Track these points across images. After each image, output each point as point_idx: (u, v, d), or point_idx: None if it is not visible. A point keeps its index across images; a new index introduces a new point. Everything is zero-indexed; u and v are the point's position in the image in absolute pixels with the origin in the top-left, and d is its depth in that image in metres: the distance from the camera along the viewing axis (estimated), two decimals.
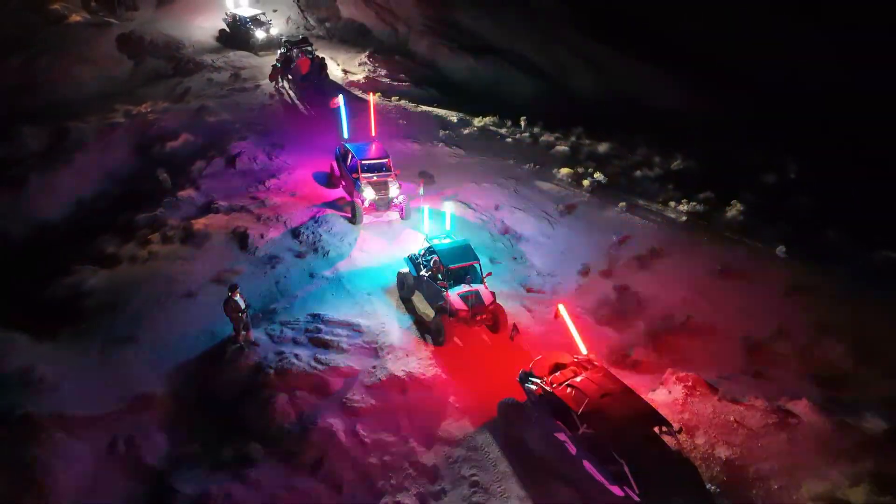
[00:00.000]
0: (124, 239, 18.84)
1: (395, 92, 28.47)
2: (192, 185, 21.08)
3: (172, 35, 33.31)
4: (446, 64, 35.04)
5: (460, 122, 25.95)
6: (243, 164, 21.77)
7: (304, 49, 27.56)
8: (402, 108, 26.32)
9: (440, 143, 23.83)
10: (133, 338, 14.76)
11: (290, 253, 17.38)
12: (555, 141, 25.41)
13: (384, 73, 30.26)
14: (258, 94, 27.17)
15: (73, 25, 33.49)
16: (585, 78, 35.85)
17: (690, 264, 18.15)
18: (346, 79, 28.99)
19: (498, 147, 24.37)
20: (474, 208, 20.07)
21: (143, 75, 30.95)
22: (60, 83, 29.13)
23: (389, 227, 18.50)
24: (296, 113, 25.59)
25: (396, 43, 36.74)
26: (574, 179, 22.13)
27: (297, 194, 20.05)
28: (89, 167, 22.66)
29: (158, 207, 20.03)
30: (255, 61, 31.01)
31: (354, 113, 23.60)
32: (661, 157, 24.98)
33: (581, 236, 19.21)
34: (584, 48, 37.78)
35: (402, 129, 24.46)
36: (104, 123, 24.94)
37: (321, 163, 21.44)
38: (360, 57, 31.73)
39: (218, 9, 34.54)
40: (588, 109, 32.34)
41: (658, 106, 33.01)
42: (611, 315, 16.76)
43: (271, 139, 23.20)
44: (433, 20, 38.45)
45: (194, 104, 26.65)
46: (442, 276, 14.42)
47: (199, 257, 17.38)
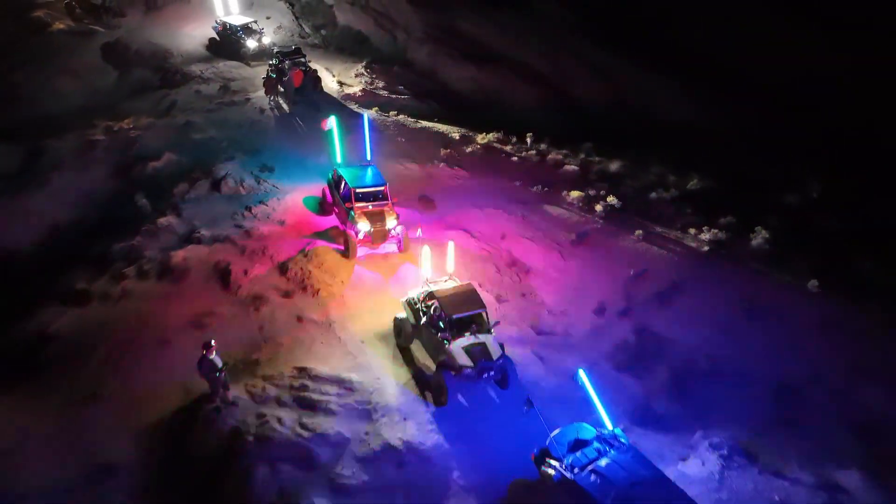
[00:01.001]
0: (97, 272, 17.29)
1: (393, 106, 26.90)
2: (173, 210, 19.49)
3: (160, 44, 31.72)
4: (447, 73, 33.49)
5: (463, 139, 24.37)
6: (229, 189, 20.19)
7: (296, 61, 25.97)
8: (401, 124, 24.74)
9: (441, 164, 22.23)
10: (97, 395, 13.21)
11: (276, 292, 15.80)
12: (563, 159, 23.83)
13: (382, 84, 28.68)
14: (248, 108, 25.58)
15: (56, 34, 31.89)
16: (592, 87, 34.31)
17: (715, 300, 16.60)
18: (341, 91, 27.41)
19: (503, 167, 22.78)
20: (477, 237, 18.49)
21: (128, 87, 29.36)
22: (39, 96, 27.52)
23: (386, 260, 16.92)
24: (288, 130, 24.00)
25: (395, 51, 35.19)
26: (586, 203, 20.54)
27: (285, 223, 18.46)
28: (65, 190, 21.08)
29: (136, 236, 18.48)
30: (245, 72, 29.43)
31: (350, 129, 22.06)
32: (676, 176, 23.43)
33: (595, 269, 17.62)
34: (591, 56, 36.23)
35: (400, 148, 22.87)
36: (83, 141, 23.35)
37: (313, 187, 19.87)
38: (357, 67, 30.14)
39: (208, 16, 32.98)
40: (596, 121, 30.85)
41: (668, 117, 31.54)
42: (630, 360, 15.21)
43: (261, 160, 21.60)
44: (433, 27, 36.89)
45: (180, 119, 25.08)
46: (444, 325, 12.84)
47: (177, 296, 15.81)
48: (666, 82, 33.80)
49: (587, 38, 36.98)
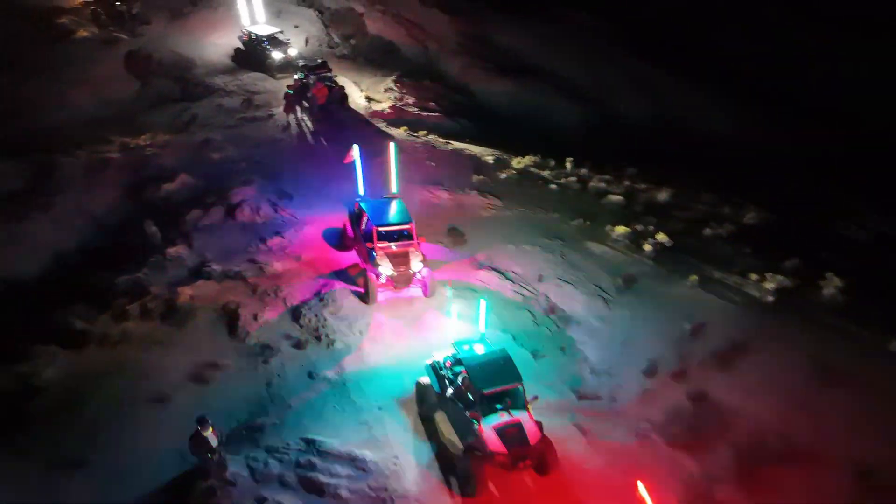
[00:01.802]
0: (99, 308, 15.95)
1: (423, 124, 25.24)
2: (184, 239, 18.10)
3: (183, 53, 30.58)
4: (480, 87, 31.79)
5: (497, 163, 22.56)
6: (245, 217, 18.73)
7: (322, 76, 24.47)
8: (431, 146, 23.04)
9: (473, 192, 20.45)
10: (84, 460, 11.75)
11: (287, 342, 14.21)
12: (606, 186, 21.86)
13: (412, 100, 27.05)
14: (270, 125, 24.15)
15: (78, 42, 31.02)
16: (634, 103, 32.35)
17: (784, 364, 14.48)
18: (369, 108, 25.83)
19: (540, 195, 20.91)
20: (512, 279, 16.67)
21: (148, 99, 28.21)
22: (55, 107, 26.48)
23: (409, 306, 15.20)
24: (310, 151, 22.49)
25: (426, 63, 33.58)
26: (632, 240, 18.56)
27: (301, 258, 16.88)
28: (72, 214, 19.85)
29: (143, 268, 17.11)
30: (270, 85, 28.05)
31: (376, 152, 20.46)
32: (730, 207, 21.33)
33: (644, 321, 15.65)
34: (631, 69, 34.23)
35: (429, 173, 21.16)
36: (95, 158, 22.14)
37: (334, 218, 18.27)
38: (387, 81, 28.56)
39: (234, 25, 31.73)
40: (639, 140, 28.87)
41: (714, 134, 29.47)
42: (685, 434, 13.22)
43: (279, 185, 20.10)
44: (467, 38, 35.27)
45: (198, 136, 23.76)
46: (473, 400, 11.06)
47: (179, 343, 14.34)
48: (711, 97, 31.74)
49: (627, 50, 34.99)
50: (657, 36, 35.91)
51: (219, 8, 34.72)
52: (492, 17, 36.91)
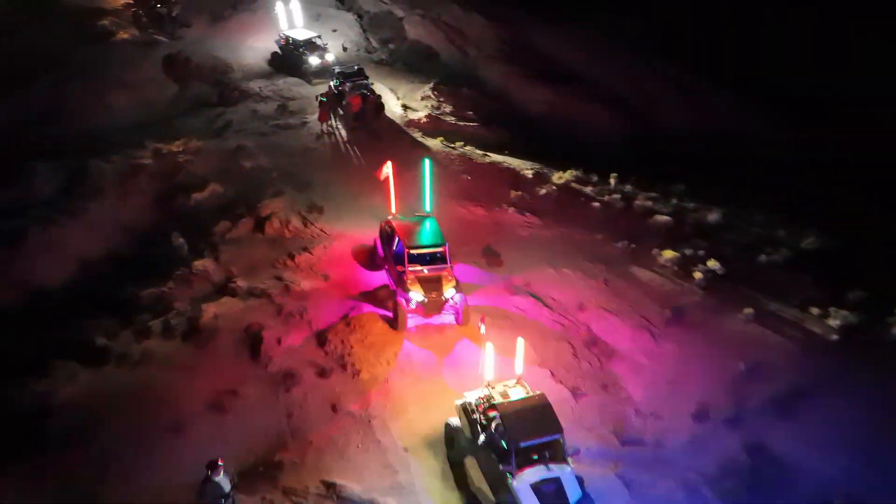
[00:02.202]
0: (122, 323, 15.46)
1: (460, 135, 24.32)
2: (211, 252, 17.55)
3: (221, 57, 30.29)
4: (520, 95, 30.78)
5: (536, 177, 21.49)
6: (273, 230, 18.10)
7: (357, 83, 23.76)
8: (467, 158, 22.11)
9: (511, 208, 19.45)
10: (93, 493, 11.15)
11: (311, 369, 13.45)
12: (653, 205, 20.61)
13: (449, 109, 26.16)
14: (304, 133, 23.55)
15: (118, 44, 30.98)
16: (680, 113, 30.95)
17: (851, 412, 13.16)
18: (405, 117, 25.02)
19: (582, 214, 19.78)
20: (551, 306, 15.62)
21: (185, 103, 27.98)
22: (93, 111, 26.42)
23: (441, 335, 14.30)
24: (343, 161, 21.77)
25: (465, 68, 32.68)
26: (681, 266, 17.32)
27: (329, 278, 16.14)
28: (102, 221, 19.50)
29: (169, 281, 16.59)
30: (306, 91, 27.49)
31: (410, 164, 19.67)
32: (785, 230, 19.89)
33: (694, 358, 14.46)
34: (678, 78, 32.79)
35: (465, 188, 20.24)
36: (129, 164, 21.82)
37: (364, 235, 17.51)
38: (424, 88, 27.73)
39: (273, 28, 31.31)
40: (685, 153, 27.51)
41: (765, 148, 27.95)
42: (740, 489, 12.04)
43: (310, 197, 19.43)
44: (507, 43, 34.30)
45: (231, 142, 23.29)
46: (507, 451, 10.09)
47: (199, 365, 13.72)
48: (764, 110, 30.12)
49: (673, 58, 33.55)
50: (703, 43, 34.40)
51: (258, 11, 34.42)
52: (533, 23, 35.86)
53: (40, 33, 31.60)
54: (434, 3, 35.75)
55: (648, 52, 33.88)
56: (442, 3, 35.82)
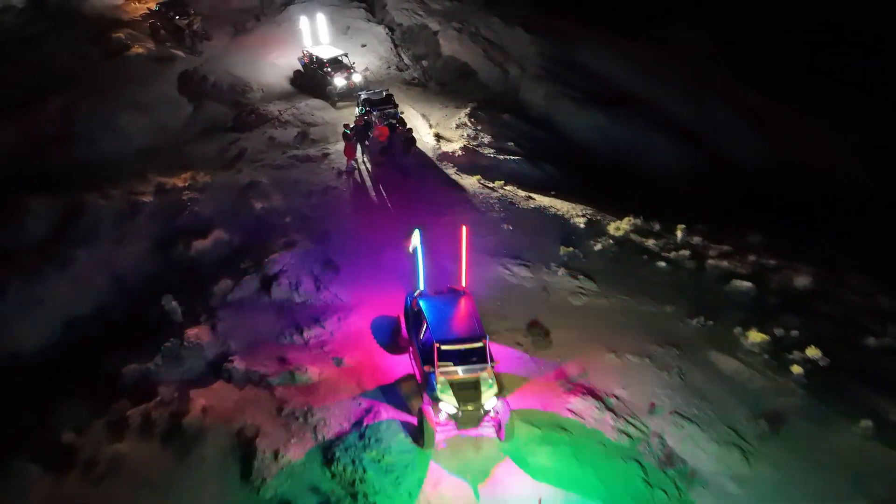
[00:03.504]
0: (96, 410, 12.97)
1: (500, 170, 21.42)
2: (208, 317, 15.01)
3: (239, 75, 27.96)
4: (567, 120, 27.77)
5: (589, 226, 18.45)
6: (281, 293, 15.46)
7: (386, 112, 21.04)
8: (508, 202, 19.17)
9: (560, 269, 16.43)
10: None
11: (313, 497, 10.66)
12: (728, 265, 17.39)
13: (487, 139, 23.25)
14: (324, 169, 20.91)
15: (133, 59, 28.88)
16: (747, 143, 27.62)
17: None
18: (438, 149, 22.20)
19: (646, 276, 16.67)
20: (614, 408, 12.60)
21: (199, 125, 25.68)
22: (103, 133, 24.26)
23: (477, 453, 11.40)
24: (367, 206, 19.03)
25: (505, 89, 29.79)
26: (773, 354, 14.12)
27: (343, 362, 13.37)
28: (91, 273, 17.18)
29: (156, 355, 14.07)
30: (329, 115, 24.93)
31: (444, 208, 16.97)
32: (891, 299, 16.52)
33: (799, 487, 11.31)
34: (748, 102, 29.37)
35: (506, 241, 17.31)
36: (128, 202, 19.47)
37: (388, 302, 14.74)
38: (460, 114, 24.87)
39: (296, 43, 28.84)
40: (758, 191, 24.27)
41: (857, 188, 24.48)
42: None
43: (326, 250, 16.74)
44: (552, 61, 31.25)
45: (244, 175, 20.80)
46: None
47: (176, 484, 11.08)
48: (853, 141, 26.60)
49: (742, 78, 30.14)
50: (779, 63, 30.92)
51: (283, 23, 32.11)
52: (581, 37, 32.78)
53: (59, 46, 29.80)
54: (472, 16, 32.98)
55: (713, 71, 30.55)
56: (481, 15, 33.03)
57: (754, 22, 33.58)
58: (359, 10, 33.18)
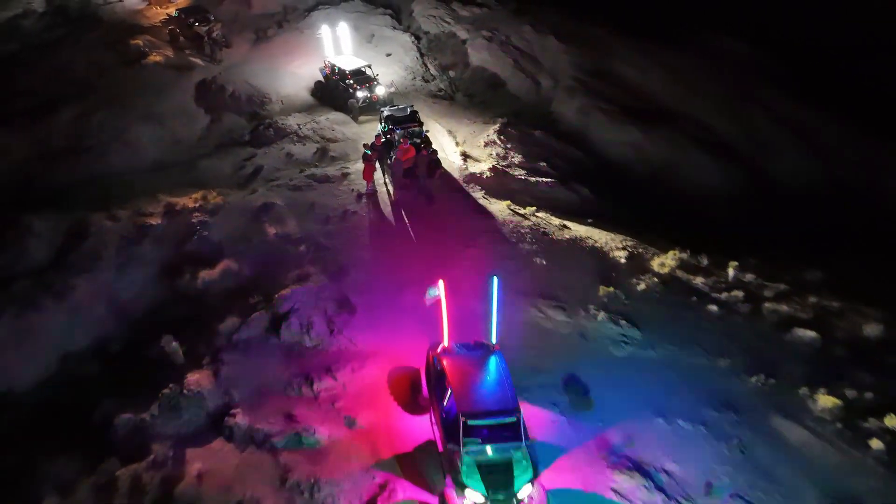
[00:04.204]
0: (83, 467, 11.72)
1: (531, 194, 19.84)
2: (211, 360, 13.70)
3: (259, 86, 26.77)
4: (601, 135, 26.06)
5: (631, 261, 16.77)
6: (292, 335, 14.08)
7: (410, 131, 19.60)
8: (541, 232, 17.57)
9: (600, 312, 14.79)
10: None
11: None
12: (787, 309, 15.58)
13: (518, 159, 21.67)
14: (343, 190, 19.51)
15: (150, 67, 27.83)
16: (794, 160, 25.63)
17: None
18: (464, 169, 20.68)
19: (696, 322, 14.95)
20: (665, 488, 10.96)
21: (214, 139, 24.54)
22: (115, 147, 23.22)
23: None
24: (387, 234, 17.57)
25: (537, 101, 28.21)
26: (846, 423, 12.34)
27: (356, 423, 11.93)
28: (91, 303, 15.97)
29: (154, 402, 12.79)
30: (350, 130, 23.58)
31: (470, 237, 15.52)
32: None
33: None
34: (792, 116, 27.36)
35: (538, 278, 15.73)
36: (134, 225, 18.27)
37: (407, 350, 13.28)
38: (488, 131, 23.32)
39: (319, 51, 27.56)
40: (810, 218, 22.32)
41: None
42: None
43: (341, 287, 15.31)
44: (586, 72, 29.52)
45: (257, 198, 19.48)
46: None
47: None
48: None
49: (784, 90, 28.13)
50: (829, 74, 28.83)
51: (305, 30, 30.91)
52: (617, 46, 31.02)
53: (76, 53, 28.93)
54: (503, 23, 31.43)
55: (757, 83, 28.58)
56: (512, 22, 31.45)
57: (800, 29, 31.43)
58: (385, 17, 31.86)
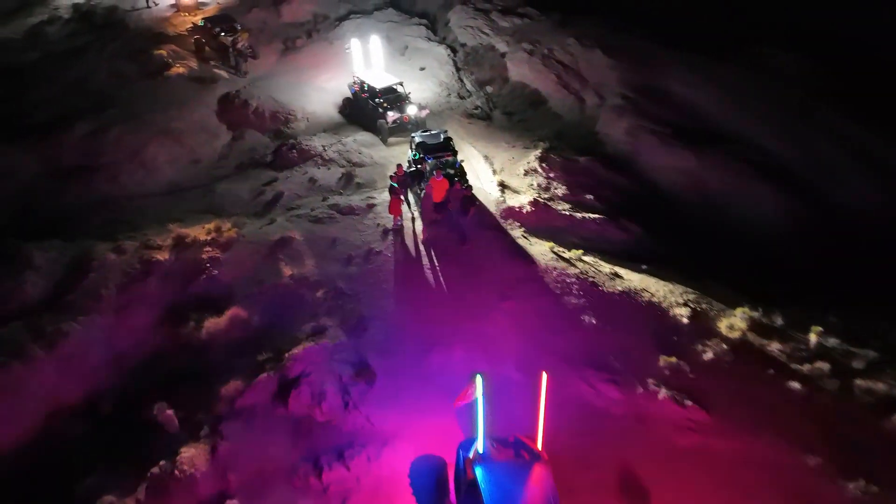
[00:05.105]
0: None
1: (578, 233, 17.71)
2: (210, 434, 12.00)
3: (284, 101, 25.17)
4: (651, 160, 23.75)
5: (694, 322, 14.51)
6: (301, 405, 12.29)
7: (444, 161, 17.65)
8: (590, 281, 15.43)
9: (661, 389, 12.61)
10: None
11: None
12: (884, 388, 13.16)
13: (562, 190, 19.55)
14: (368, 224, 17.68)
15: (172, 80, 26.49)
16: (867, 192, 22.91)
17: None
18: (501, 202, 18.64)
19: (774, 403, 12.64)
20: None
21: (234, 159, 23.02)
22: (125, 167, 21.85)
23: None
24: (414, 281, 15.60)
25: (581, 121, 26.03)
26: None
27: None
28: (85, 351, 14.37)
29: (141, 484, 11.08)
30: (378, 154, 21.79)
31: (508, 289, 13.65)
32: None
33: None
34: (858, 139, 24.65)
35: (587, 341, 13.62)
36: (139, 259, 16.70)
37: (433, 433, 11.33)
38: (528, 157, 21.22)
39: (349, 64, 25.86)
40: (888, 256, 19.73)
41: None
42: None
43: (360, 347, 13.45)
44: (635, 89, 27.16)
45: (275, 228, 17.80)
46: None
47: None
48: None
49: (848, 111, 25.37)
50: None
51: (335, 41, 29.28)
52: (667, 61, 28.59)
53: (98, 63, 27.78)
54: (545, 35, 29.26)
55: (817, 103, 25.89)
56: (555, 35, 29.27)
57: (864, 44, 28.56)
58: (419, 28, 30.02)
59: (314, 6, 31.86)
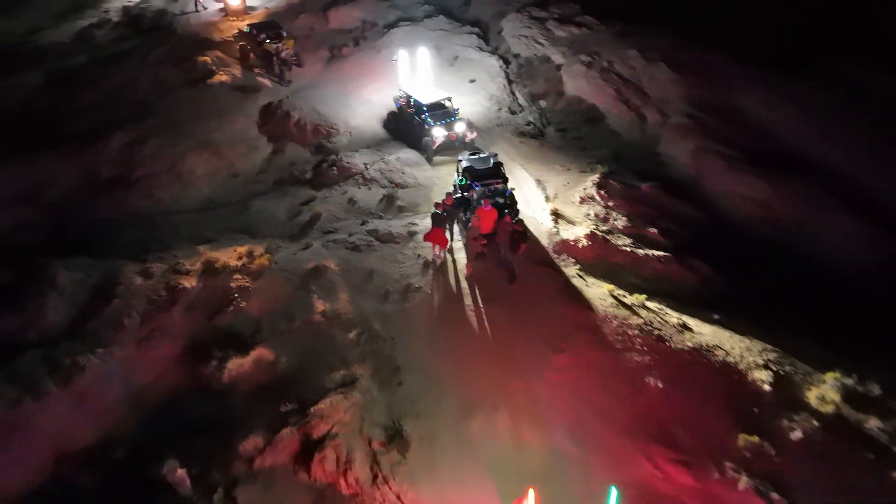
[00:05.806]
0: None
1: (640, 273, 15.92)
2: (223, 497, 10.79)
3: (326, 114, 24.04)
4: (718, 187, 21.74)
5: (777, 390, 12.58)
6: (324, 473, 10.98)
7: (493, 189, 16.11)
8: (655, 334, 13.65)
9: (741, 476, 10.79)
10: None
11: None
12: None
13: (622, 222, 17.77)
14: (408, 254, 16.31)
15: (215, 88, 25.69)
16: None
17: None
18: (555, 234, 16.98)
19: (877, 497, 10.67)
20: None
21: (273, 174, 22.02)
22: (160, 181, 21.06)
23: None
24: (456, 323, 14.11)
25: (642, 139, 24.17)
26: None
27: None
28: (99, 391, 13.42)
29: None
30: (422, 174, 20.41)
31: (560, 341, 12.13)
32: None
33: None
34: None
35: (651, 407, 11.88)
36: (166, 284, 15.73)
37: None
38: (585, 183, 19.47)
39: (395, 75, 24.63)
40: None
41: None
42: None
43: (393, 404, 12.04)
44: (702, 107, 25.09)
45: (310, 255, 16.61)
46: None
47: None
48: None
49: None
50: None
51: (382, 50, 28.09)
52: (738, 77, 26.36)
53: (142, 70, 27.28)
54: (605, 47, 27.44)
55: None
56: (616, 46, 27.41)
57: None
58: (470, 37, 28.56)
59: (362, 13, 30.78)
